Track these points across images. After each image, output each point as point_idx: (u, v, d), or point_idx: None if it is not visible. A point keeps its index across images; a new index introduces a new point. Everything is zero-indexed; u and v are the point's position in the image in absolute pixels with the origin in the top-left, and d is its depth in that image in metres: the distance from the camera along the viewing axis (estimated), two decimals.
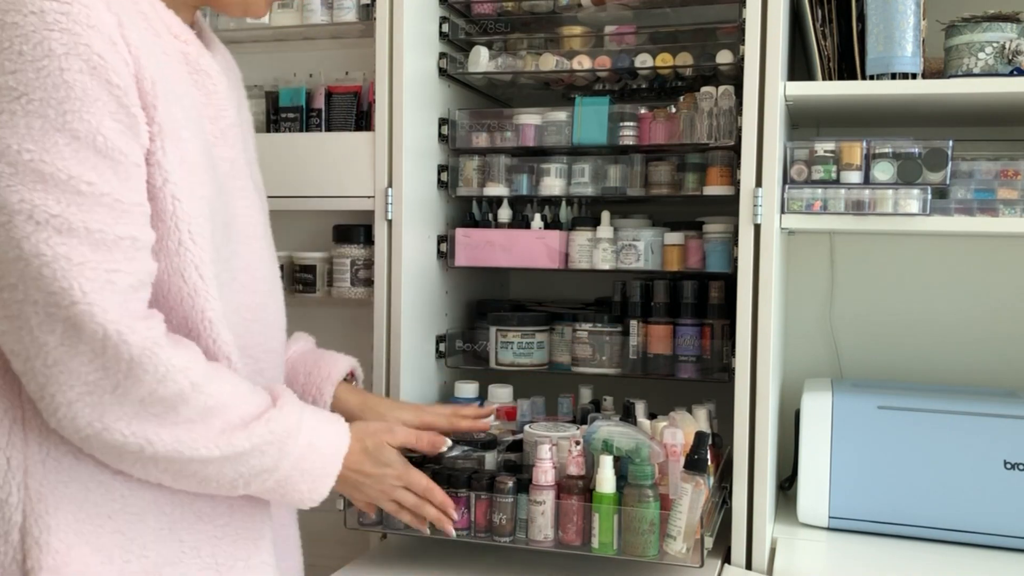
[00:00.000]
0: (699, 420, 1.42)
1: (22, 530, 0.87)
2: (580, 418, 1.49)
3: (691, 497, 1.20)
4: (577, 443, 1.26)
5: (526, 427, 1.37)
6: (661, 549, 1.21)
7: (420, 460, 1.26)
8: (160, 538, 0.95)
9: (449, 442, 1.23)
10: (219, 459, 0.93)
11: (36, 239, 0.81)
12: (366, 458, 1.10)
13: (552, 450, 1.26)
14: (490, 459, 1.33)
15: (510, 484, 1.26)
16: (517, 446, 1.38)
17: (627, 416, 1.42)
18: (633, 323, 1.54)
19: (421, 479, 1.16)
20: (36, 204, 0.81)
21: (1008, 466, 1.40)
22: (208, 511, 0.99)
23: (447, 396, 1.65)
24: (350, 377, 1.31)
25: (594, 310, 1.66)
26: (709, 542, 1.23)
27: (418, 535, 1.26)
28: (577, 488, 1.24)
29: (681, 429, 1.30)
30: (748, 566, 1.36)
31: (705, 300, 1.55)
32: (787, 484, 1.61)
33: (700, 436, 1.26)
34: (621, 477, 1.24)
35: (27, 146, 0.81)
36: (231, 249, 1.03)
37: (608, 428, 1.26)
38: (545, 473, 1.24)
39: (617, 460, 1.24)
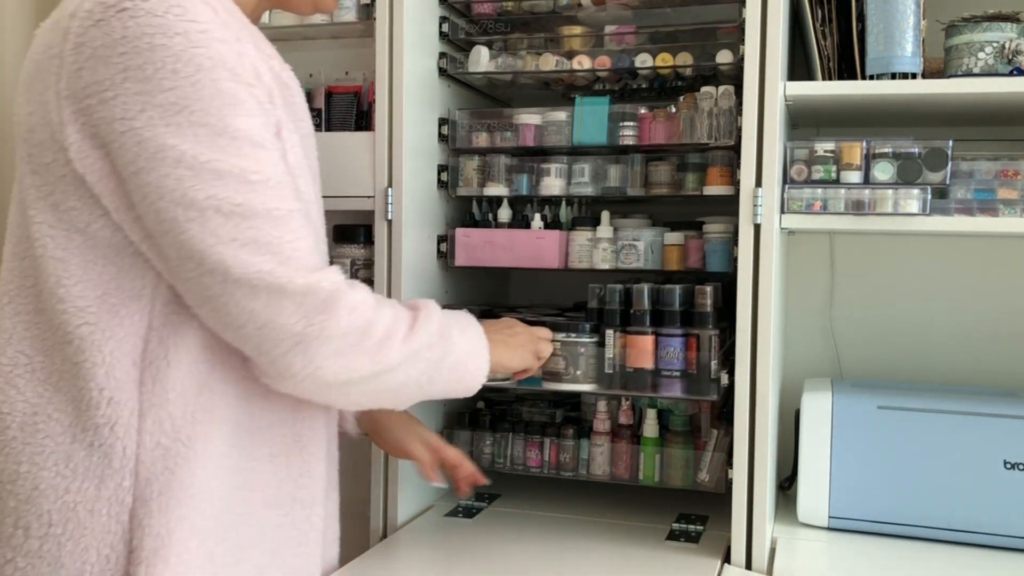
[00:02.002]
0: None
1: (131, 513, 0.97)
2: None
3: (716, 440, 1.52)
4: (626, 399, 1.59)
5: (583, 393, 1.66)
6: (693, 480, 1.53)
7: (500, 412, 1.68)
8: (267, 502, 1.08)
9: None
10: (405, 362, 1.04)
11: (228, 227, 0.92)
12: (495, 326, 1.27)
13: (607, 405, 1.60)
14: (558, 415, 1.68)
15: (572, 431, 1.60)
16: (576, 407, 1.72)
17: None
18: (610, 333, 1.44)
19: (543, 331, 1.34)
20: (221, 198, 0.92)
21: (1008, 466, 1.41)
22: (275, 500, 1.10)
23: None
24: None
25: (568, 318, 1.53)
26: (730, 473, 1.38)
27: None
28: (627, 434, 1.58)
29: None
30: (748, 566, 1.36)
31: (691, 307, 1.44)
32: (787, 484, 1.61)
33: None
34: (663, 426, 1.57)
35: (200, 150, 0.91)
36: None
37: None
38: (603, 423, 1.59)
39: (660, 413, 1.57)
